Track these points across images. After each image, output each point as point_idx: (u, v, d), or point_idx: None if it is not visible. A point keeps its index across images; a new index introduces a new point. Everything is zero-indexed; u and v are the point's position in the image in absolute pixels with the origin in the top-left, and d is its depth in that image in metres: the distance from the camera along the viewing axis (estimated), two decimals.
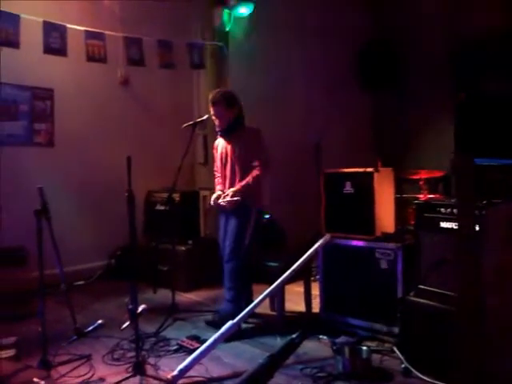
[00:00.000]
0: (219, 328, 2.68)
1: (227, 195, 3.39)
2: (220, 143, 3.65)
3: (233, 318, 3.13)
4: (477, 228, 1.73)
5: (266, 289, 3.15)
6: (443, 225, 2.59)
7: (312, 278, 3.84)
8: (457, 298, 1.59)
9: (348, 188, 3.38)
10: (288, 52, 5.75)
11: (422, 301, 2.66)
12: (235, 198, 3.36)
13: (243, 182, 3.41)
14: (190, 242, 4.64)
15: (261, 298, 3.08)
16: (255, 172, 3.41)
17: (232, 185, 3.49)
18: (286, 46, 5.72)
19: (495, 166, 2.42)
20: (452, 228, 2.52)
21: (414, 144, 6.26)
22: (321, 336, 3.15)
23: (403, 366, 2.64)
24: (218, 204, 3.46)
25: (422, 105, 6.11)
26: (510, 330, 1.53)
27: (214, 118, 3.53)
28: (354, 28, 6.36)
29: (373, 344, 2.99)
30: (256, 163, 3.43)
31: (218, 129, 3.57)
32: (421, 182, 4.48)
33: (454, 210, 2.50)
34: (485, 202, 1.81)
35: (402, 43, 6.32)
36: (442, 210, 2.59)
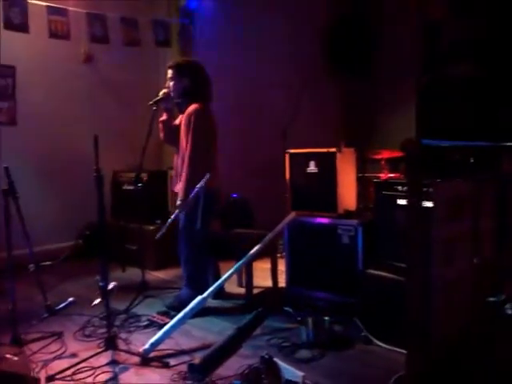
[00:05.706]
0: (179, 311, 2.77)
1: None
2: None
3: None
4: (428, 204, 1.88)
5: (234, 265, 3.27)
6: (399, 202, 2.75)
7: (278, 255, 3.96)
8: (407, 269, 1.74)
9: (312, 167, 3.49)
10: (256, 31, 5.72)
11: (380, 273, 2.84)
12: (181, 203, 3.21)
13: (181, 186, 3.23)
14: (158, 221, 4.67)
15: (229, 273, 3.20)
16: (184, 169, 3.22)
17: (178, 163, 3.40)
18: (254, 25, 5.69)
19: (455, 147, 2.57)
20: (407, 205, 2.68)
21: (381, 125, 6.39)
22: (286, 308, 3.29)
23: (363, 334, 2.81)
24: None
25: (391, 86, 6.23)
26: (456, 298, 1.69)
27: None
28: (324, 5, 6.39)
29: (335, 315, 3.15)
30: (186, 153, 3.23)
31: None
32: (382, 162, 4.66)
33: None
34: (435, 180, 1.95)
35: (372, 23, 6.35)
36: (399, 188, 2.75)
